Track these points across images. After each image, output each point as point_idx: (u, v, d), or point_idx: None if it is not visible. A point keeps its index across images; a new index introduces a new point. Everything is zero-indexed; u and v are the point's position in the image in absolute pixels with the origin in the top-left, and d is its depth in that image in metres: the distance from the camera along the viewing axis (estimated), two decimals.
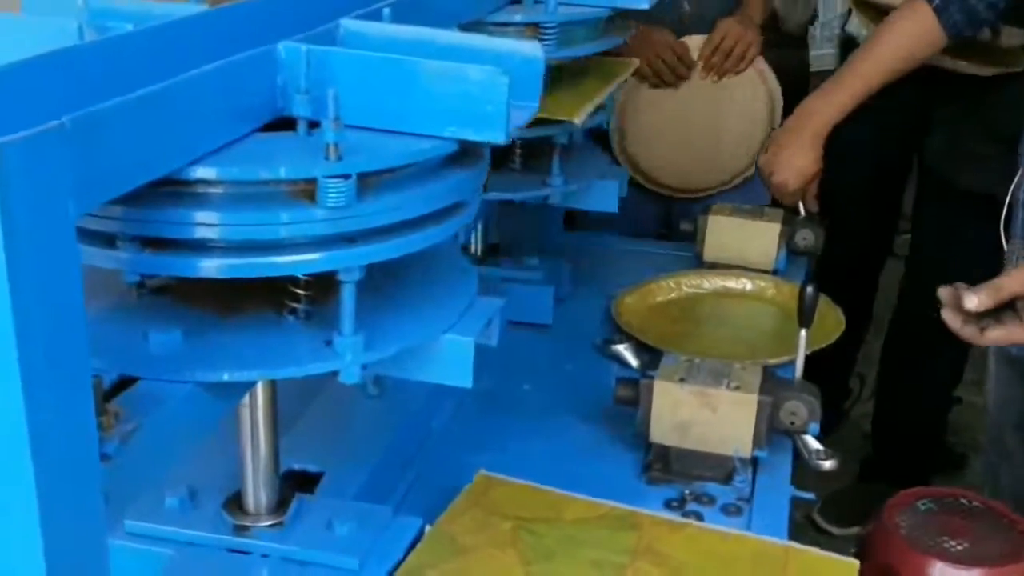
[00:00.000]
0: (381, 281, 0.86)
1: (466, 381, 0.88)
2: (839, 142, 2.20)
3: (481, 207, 0.95)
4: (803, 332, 1.22)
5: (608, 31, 1.46)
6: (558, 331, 1.58)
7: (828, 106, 1.71)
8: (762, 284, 1.69)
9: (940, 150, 2.18)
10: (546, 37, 1.32)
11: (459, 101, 0.78)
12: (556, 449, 1.27)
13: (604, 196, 1.54)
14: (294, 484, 1.03)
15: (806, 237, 1.72)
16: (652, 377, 1.19)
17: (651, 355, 1.35)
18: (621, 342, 1.49)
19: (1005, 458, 1.61)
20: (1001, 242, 1.50)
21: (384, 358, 0.83)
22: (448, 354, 0.88)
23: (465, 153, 0.85)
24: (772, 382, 1.20)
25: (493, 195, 1.43)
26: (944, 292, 1.20)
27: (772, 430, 1.18)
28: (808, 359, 1.23)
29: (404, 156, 0.79)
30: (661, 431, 1.20)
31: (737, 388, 1.17)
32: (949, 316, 1.18)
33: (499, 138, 0.79)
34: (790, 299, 1.63)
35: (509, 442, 1.27)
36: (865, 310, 2.78)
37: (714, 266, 1.74)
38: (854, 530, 2.61)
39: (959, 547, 1.36)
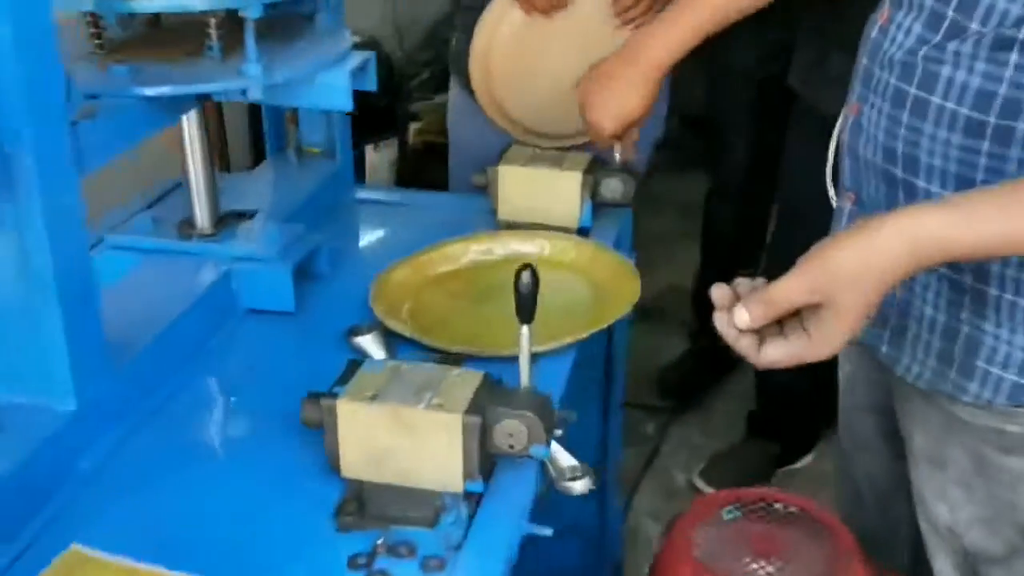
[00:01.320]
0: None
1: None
2: (717, 64, 1.92)
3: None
4: (524, 329, 0.95)
5: None
6: (305, 320, 1.31)
7: (665, 38, 1.40)
8: (561, 246, 1.42)
9: (802, 68, 1.90)
10: None
11: None
12: (238, 483, 1.01)
13: (330, 90, 1.24)
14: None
15: (614, 188, 1.45)
16: (337, 395, 0.93)
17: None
18: (369, 331, 1.23)
19: (860, 447, 1.37)
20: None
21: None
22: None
23: None
24: (491, 393, 0.94)
25: (169, 88, 1.13)
26: (717, 292, 0.94)
27: (489, 456, 0.93)
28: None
29: None
30: (352, 463, 0.94)
31: (440, 406, 0.92)
32: (722, 324, 0.93)
33: None
34: (593, 263, 1.38)
35: (185, 468, 1.02)
36: (756, 244, 2.54)
37: (511, 226, 1.48)
38: None
39: (762, 571, 1.12)
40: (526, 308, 0.94)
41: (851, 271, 0.86)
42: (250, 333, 1.27)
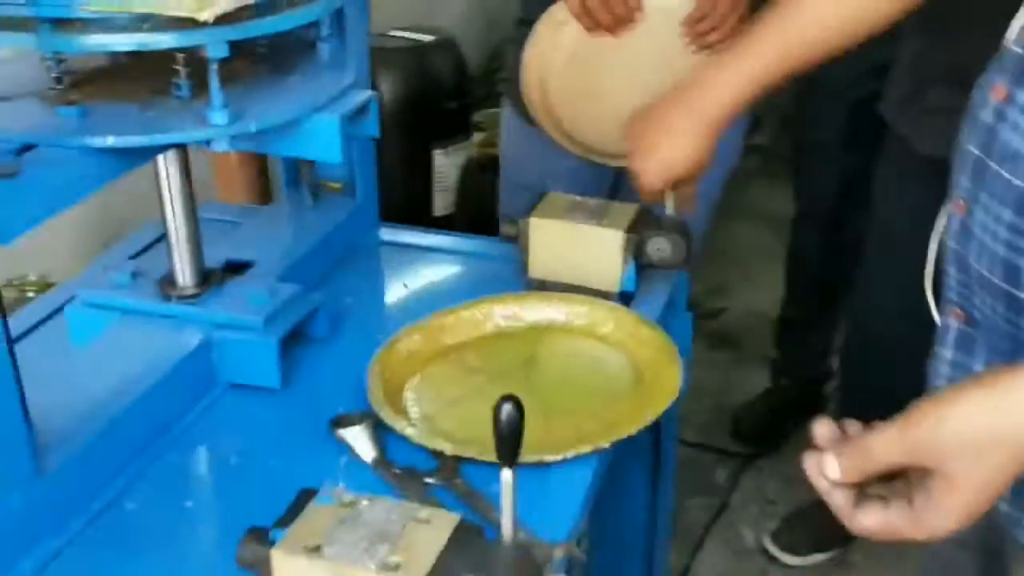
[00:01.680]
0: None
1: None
2: (805, 80, 1.67)
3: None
4: (506, 474, 0.76)
5: None
6: (294, 398, 1.14)
7: (727, 87, 1.18)
8: (598, 315, 1.22)
9: (896, 99, 1.65)
10: None
11: None
12: None
13: (318, 138, 1.05)
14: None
15: (662, 249, 1.24)
16: (272, 541, 0.76)
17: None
18: (358, 421, 1.05)
19: None
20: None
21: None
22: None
23: None
24: (463, 551, 0.75)
25: (113, 139, 0.95)
26: (819, 429, 0.75)
27: None
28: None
29: None
30: None
31: (394, 569, 0.73)
32: (812, 470, 0.73)
33: None
34: (633, 338, 1.18)
35: None
36: (844, 276, 2.29)
37: (543, 286, 1.28)
38: (815, 559, 2.17)
39: None
40: (508, 449, 0.75)
41: (973, 439, 0.66)
42: (227, 414, 1.11)
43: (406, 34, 3.04)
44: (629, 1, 1.51)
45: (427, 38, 3.02)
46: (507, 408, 0.73)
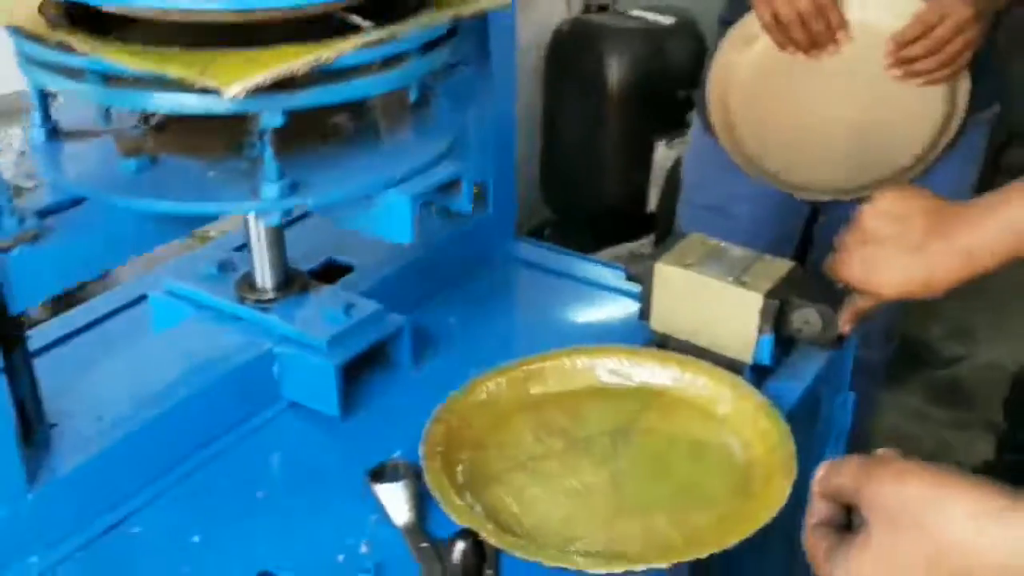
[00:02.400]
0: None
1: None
2: None
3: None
4: None
5: None
6: (354, 429, 1.03)
7: (981, 232, 0.91)
8: (717, 390, 1.02)
9: None
10: None
11: None
12: None
13: (388, 217, 0.93)
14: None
15: (810, 321, 1.02)
16: None
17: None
18: (398, 476, 0.92)
19: None
20: None
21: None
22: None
23: None
24: None
25: (164, 205, 0.87)
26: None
27: None
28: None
29: None
30: None
31: None
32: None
33: None
34: (752, 426, 0.99)
35: None
36: None
37: (664, 343, 1.09)
38: None
39: None
40: None
41: (913, 514, 0.61)
42: (277, 437, 1.01)
43: (647, 14, 2.85)
44: (831, 17, 1.27)
45: (666, 20, 2.82)
46: (460, 548, 0.57)
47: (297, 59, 0.80)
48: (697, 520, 0.89)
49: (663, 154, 2.81)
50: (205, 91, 0.79)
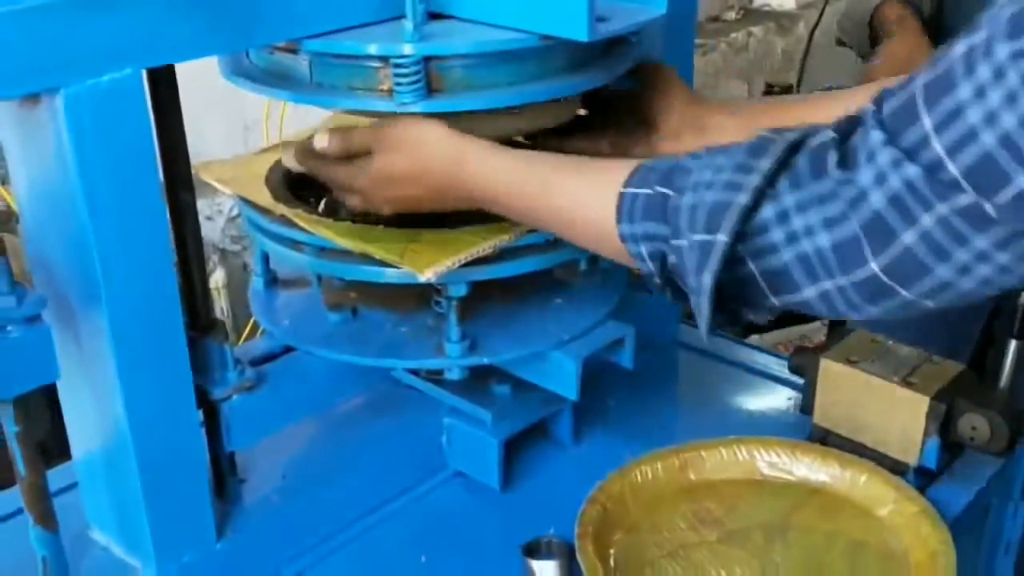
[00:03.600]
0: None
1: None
2: None
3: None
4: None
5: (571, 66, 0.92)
6: (515, 501, 1.07)
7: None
8: (877, 490, 1.01)
9: None
10: (402, 79, 0.84)
11: None
12: None
13: (558, 374, 1.02)
14: None
15: (977, 427, 0.99)
16: None
17: None
18: (548, 554, 0.96)
19: None
20: None
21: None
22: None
23: None
24: None
25: (362, 359, 1.00)
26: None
27: None
28: None
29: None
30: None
31: None
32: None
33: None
34: (912, 531, 0.97)
35: None
36: None
37: (825, 438, 1.09)
38: None
39: None
40: None
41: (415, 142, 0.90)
42: (441, 503, 1.07)
43: None
44: None
45: None
46: None
47: (482, 243, 0.92)
48: None
49: None
50: None
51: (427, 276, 0.88)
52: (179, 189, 0.86)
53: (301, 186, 1.04)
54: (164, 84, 0.83)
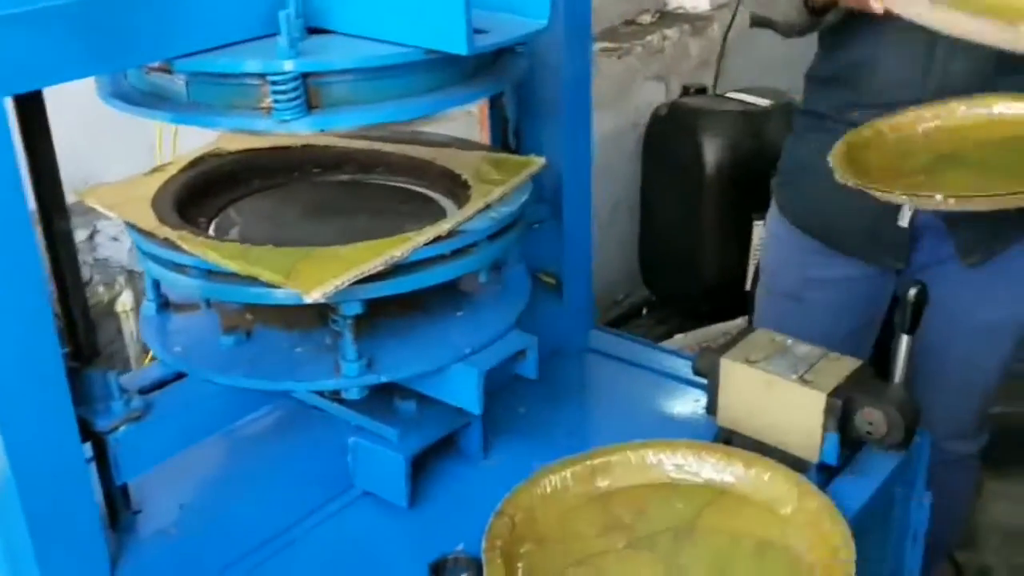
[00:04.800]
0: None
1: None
2: None
3: None
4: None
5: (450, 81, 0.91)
6: (421, 520, 1.06)
7: None
8: (780, 489, 1.02)
9: None
10: (280, 96, 0.83)
11: None
12: None
13: (459, 388, 1.02)
14: None
15: (874, 422, 1.01)
16: None
17: None
18: (456, 570, 0.95)
19: None
20: None
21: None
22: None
23: None
24: None
25: (256, 383, 0.98)
26: None
27: None
28: None
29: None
30: None
31: None
32: None
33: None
34: (811, 527, 0.98)
35: None
36: None
37: (730, 439, 1.10)
38: None
39: None
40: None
41: None
42: (348, 524, 1.05)
43: (744, 96, 2.87)
44: None
45: (763, 102, 2.83)
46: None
47: (372, 259, 0.90)
48: None
49: (761, 234, 2.80)
50: None
51: (314, 296, 0.87)
52: (53, 216, 0.84)
53: (194, 204, 1.01)
54: (32, 109, 0.81)
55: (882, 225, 1.47)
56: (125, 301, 1.72)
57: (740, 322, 2.68)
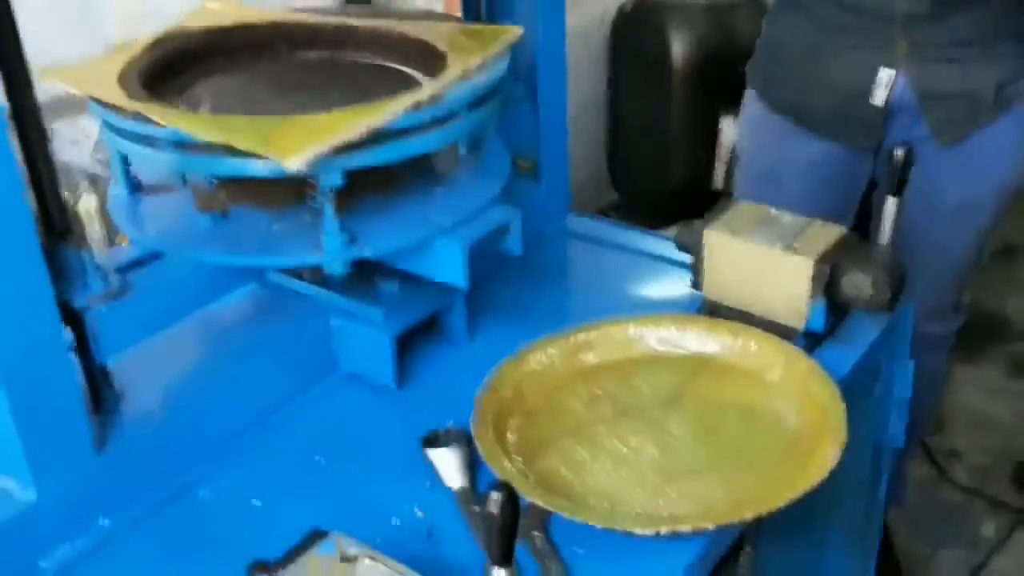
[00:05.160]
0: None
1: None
2: None
3: None
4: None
5: None
6: (410, 398, 1.06)
7: None
8: (768, 357, 1.02)
9: None
10: None
11: None
12: None
13: (443, 261, 0.99)
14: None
15: (860, 285, 1.01)
16: None
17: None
18: (453, 441, 0.95)
19: None
20: None
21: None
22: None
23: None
24: None
25: (235, 259, 0.96)
26: None
27: None
28: None
29: None
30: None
31: None
32: None
33: None
34: (802, 390, 0.98)
35: None
36: None
37: (716, 311, 1.09)
38: None
39: None
40: (497, 547, 0.61)
41: None
42: (334, 405, 1.04)
43: None
44: None
45: None
46: (495, 498, 0.59)
47: (352, 124, 0.86)
48: (745, 484, 0.90)
49: (729, 131, 2.79)
50: None
51: (293, 163, 0.84)
52: (18, 93, 0.80)
53: (161, 81, 0.97)
54: None
55: (855, 103, 1.46)
56: (89, 204, 1.67)
57: None
